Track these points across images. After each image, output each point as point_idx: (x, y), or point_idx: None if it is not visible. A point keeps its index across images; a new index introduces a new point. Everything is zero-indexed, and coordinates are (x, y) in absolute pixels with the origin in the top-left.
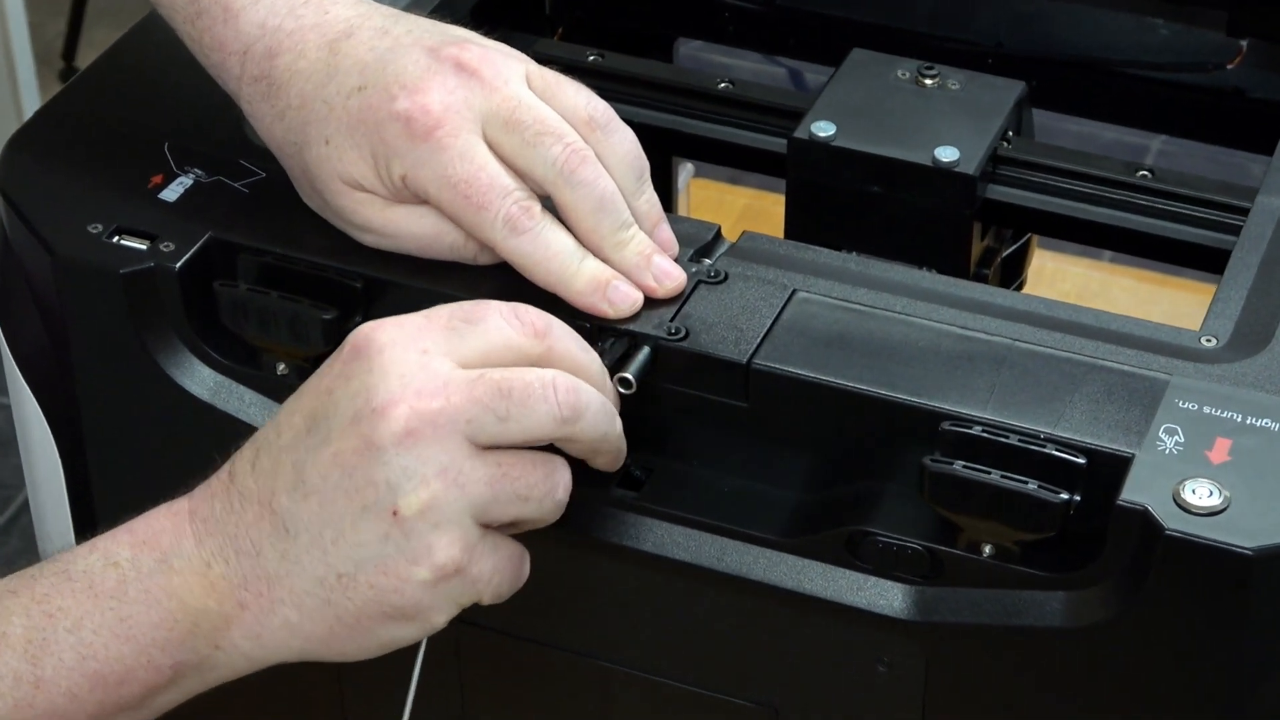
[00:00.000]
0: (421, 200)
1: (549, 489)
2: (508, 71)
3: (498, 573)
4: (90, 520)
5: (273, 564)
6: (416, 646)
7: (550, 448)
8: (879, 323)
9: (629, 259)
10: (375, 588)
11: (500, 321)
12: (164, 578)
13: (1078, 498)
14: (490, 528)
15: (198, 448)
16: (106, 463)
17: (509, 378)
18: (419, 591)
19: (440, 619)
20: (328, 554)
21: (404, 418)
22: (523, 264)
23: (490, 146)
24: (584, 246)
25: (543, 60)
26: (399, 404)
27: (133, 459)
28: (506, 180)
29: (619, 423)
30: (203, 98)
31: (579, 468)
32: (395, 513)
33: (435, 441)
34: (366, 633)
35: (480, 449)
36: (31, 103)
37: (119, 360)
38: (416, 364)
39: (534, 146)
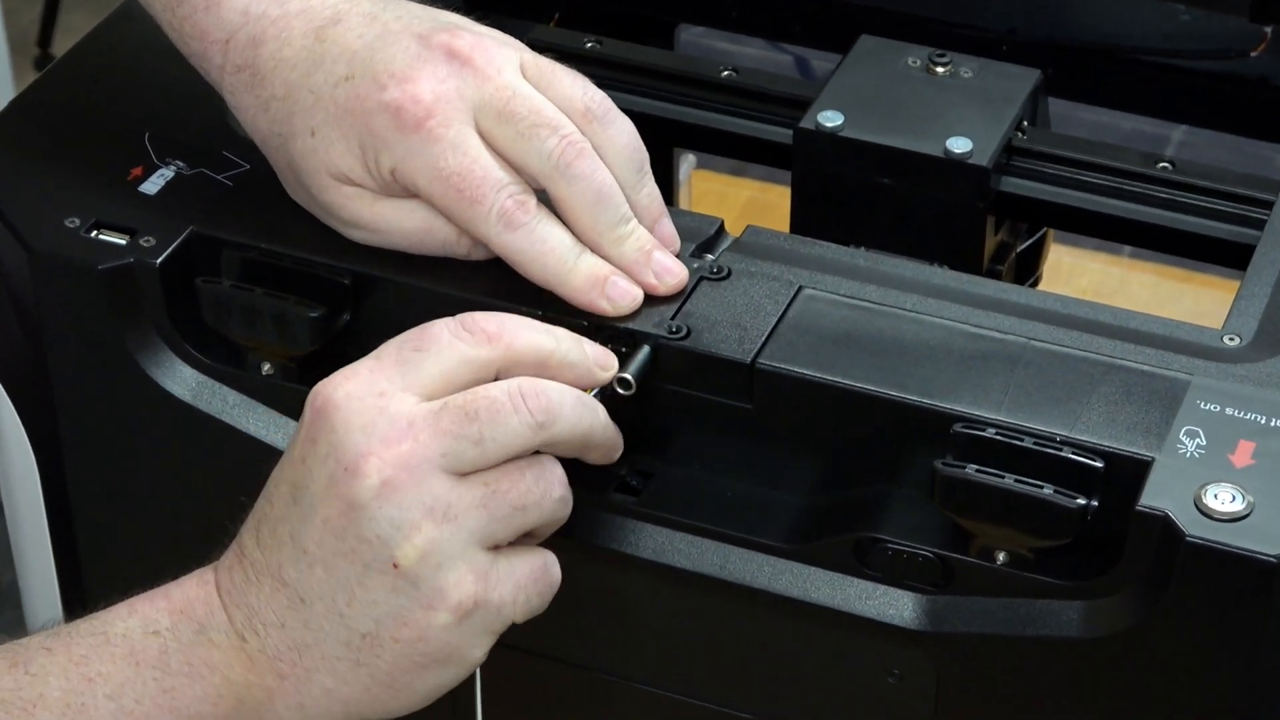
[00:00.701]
0: (411, 194)
1: (543, 491)
2: (501, 60)
3: (522, 590)
4: (68, 527)
5: (298, 634)
6: (471, 681)
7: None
8: (888, 321)
9: (628, 255)
10: (400, 641)
11: (451, 339)
12: (205, 650)
13: (1095, 503)
14: (502, 547)
15: (180, 450)
16: (84, 466)
17: (473, 400)
18: (444, 635)
19: (477, 654)
20: (345, 617)
21: (376, 470)
22: (517, 260)
23: (483, 138)
24: (581, 242)
25: (538, 48)
26: (368, 457)
27: (112, 462)
28: (500, 173)
29: (602, 412)
30: (184, 86)
31: (572, 470)
32: (396, 565)
33: (414, 485)
34: (406, 686)
35: (462, 477)
36: (5, 92)
37: (98, 360)
38: (376, 410)
39: (528, 138)
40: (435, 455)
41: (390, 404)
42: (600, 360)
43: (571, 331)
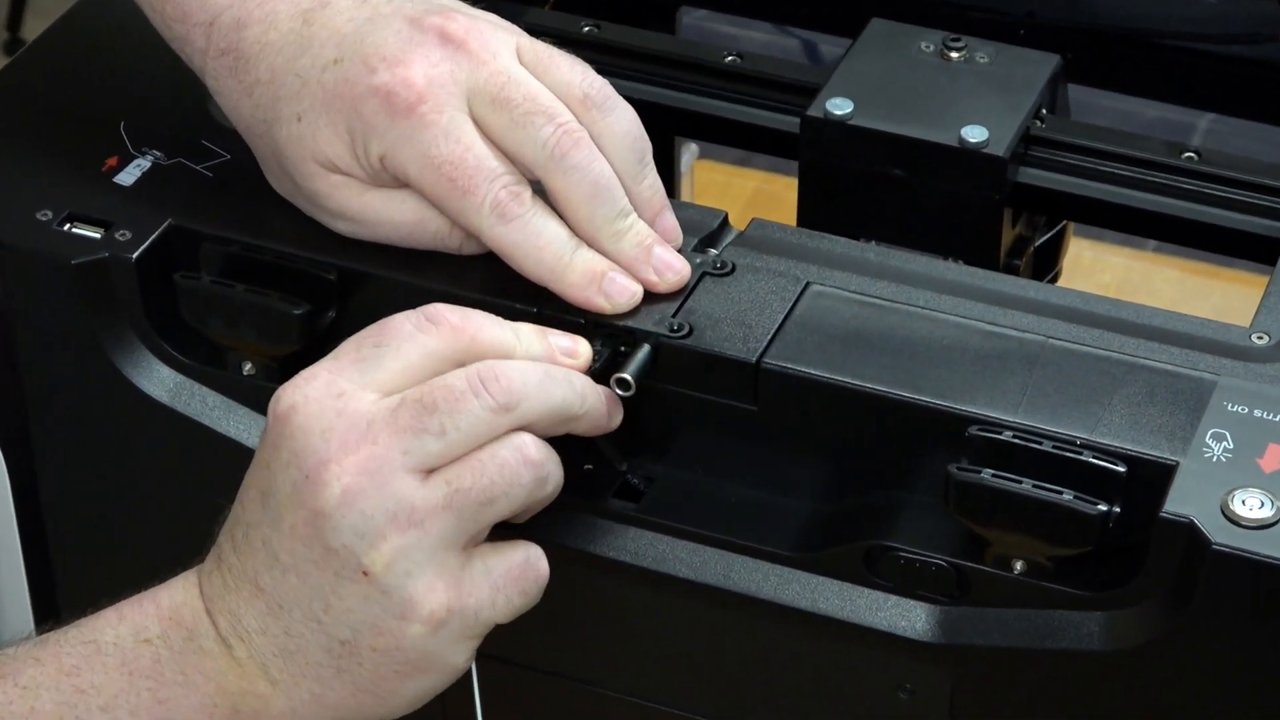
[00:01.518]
0: (401, 184)
1: (510, 479)
2: (496, 44)
3: (500, 591)
4: (39, 533)
5: (280, 640)
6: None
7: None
8: (900, 319)
9: (627, 250)
10: (378, 650)
11: (411, 331)
12: (197, 658)
13: (1117, 509)
14: (479, 544)
15: (157, 454)
16: (57, 470)
17: (430, 391)
18: (420, 644)
19: (459, 660)
20: (323, 624)
21: (336, 478)
22: (511, 254)
23: (477, 125)
24: (578, 236)
25: (533, 32)
26: (328, 464)
27: (86, 466)
28: (494, 163)
29: (579, 380)
30: (162, 72)
31: (568, 471)
32: (366, 573)
33: (376, 490)
34: (390, 693)
35: (427, 475)
36: None
37: (71, 359)
38: (334, 413)
39: (524, 126)
40: (396, 455)
41: (349, 405)
42: (565, 349)
43: (545, 326)
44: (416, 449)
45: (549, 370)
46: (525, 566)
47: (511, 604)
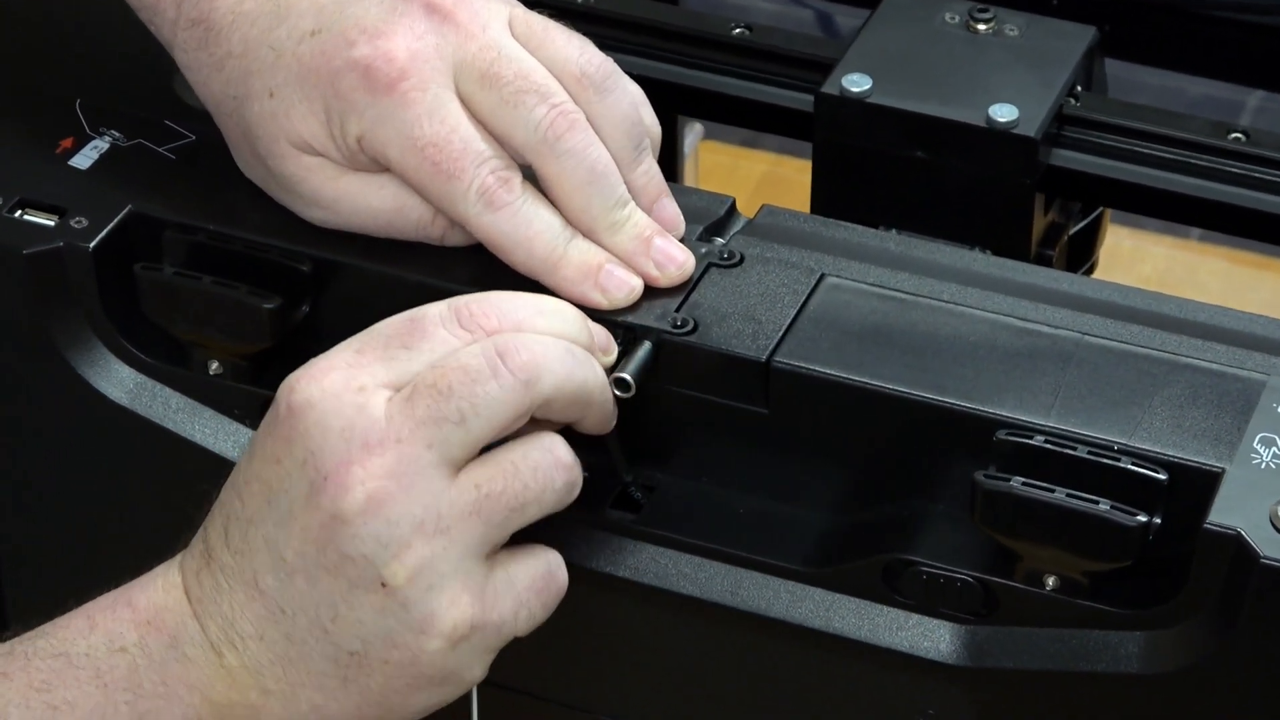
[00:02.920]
0: (381, 167)
1: (544, 484)
2: (487, 15)
3: (524, 605)
4: None
5: (280, 647)
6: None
7: None
8: (922, 313)
9: (625, 243)
10: (391, 663)
11: (444, 334)
12: (180, 667)
13: (1158, 520)
14: (499, 551)
15: (115, 459)
16: (6, 476)
17: (444, 374)
18: (439, 659)
19: (476, 673)
20: (330, 634)
21: (360, 482)
22: (499, 245)
23: (464, 104)
24: (572, 226)
25: (529, 3)
26: (350, 466)
27: (38, 471)
28: (482, 145)
29: (596, 366)
30: (121, 47)
31: None
32: (384, 584)
33: (403, 494)
34: (400, 705)
35: (454, 473)
36: None
37: (21, 357)
38: (355, 410)
39: (514, 106)
40: (422, 452)
41: (370, 401)
42: (602, 345)
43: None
44: (440, 441)
45: (570, 348)
46: (549, 577)
47: (534, 617)
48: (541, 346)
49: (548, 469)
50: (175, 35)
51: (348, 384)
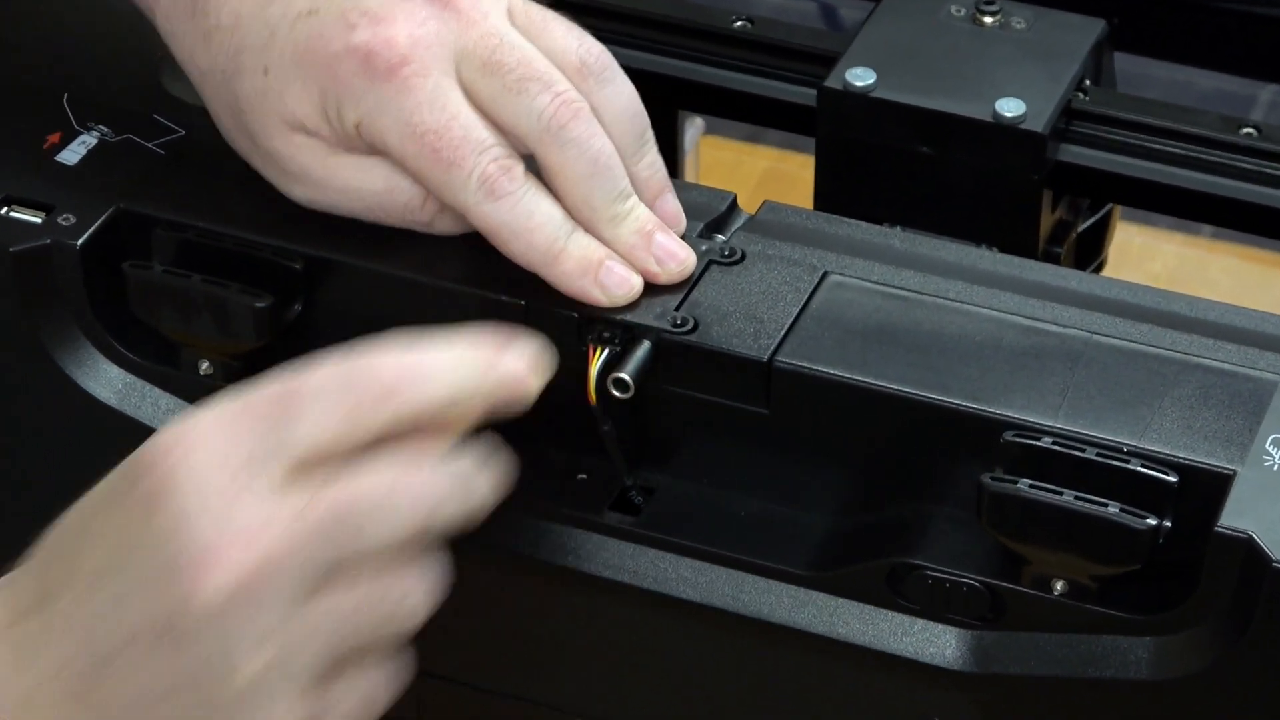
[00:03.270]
0: (374, 151)
1: (409, 612)
2: (487, 3)
3: (371, 702)
4: None
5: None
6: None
7: None
8: (928, 312)
9: (625, 237)
10: None
11: (338, 397)
12: None
13: (1168, 523)
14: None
15: (104, 461)
16: None
17: (348, 499)
18: None
19: None
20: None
21: (218, 579)
22: (499, 236)
23: (465, 92)
24: (573, 219)
25: None
26: (216, 554)
27: (24, 473)
28: (483, 133)
29: (486, 475)
30: (109, 40)
31: (561, 485)
32: (220, 689)
33: (261, 600)
34: None
35: (315, 589)
36: None
37: (7, 357)
38: (229, 490)
39: (517, 94)
40: (293, 565)
41: (251, 483)
42: (517, 373)
43: (526, 325)
44: (315, 561)
45: (465, 475)
46: (395, 678)
47: (376, 706)
48: (439, 489)
49: (416, 596)
50: (157, 6)
51: (230, 450)
